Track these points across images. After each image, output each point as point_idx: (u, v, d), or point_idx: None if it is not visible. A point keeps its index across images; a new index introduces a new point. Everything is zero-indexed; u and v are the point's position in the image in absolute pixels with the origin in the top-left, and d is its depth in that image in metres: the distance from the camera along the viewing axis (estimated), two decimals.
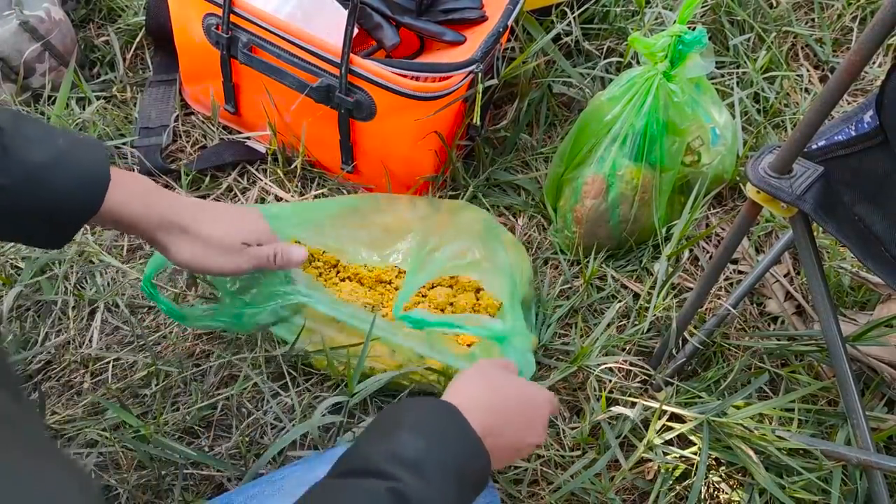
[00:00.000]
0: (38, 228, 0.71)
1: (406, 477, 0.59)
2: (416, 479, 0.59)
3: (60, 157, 0.68)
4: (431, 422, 0.66)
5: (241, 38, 1.17)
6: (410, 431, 0.63)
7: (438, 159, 1.26)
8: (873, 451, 0.90)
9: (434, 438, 0.64)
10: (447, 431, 0.66)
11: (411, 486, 0.58)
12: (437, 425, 0.66)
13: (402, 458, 0.60)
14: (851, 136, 0.73)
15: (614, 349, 1.14)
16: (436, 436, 0.64)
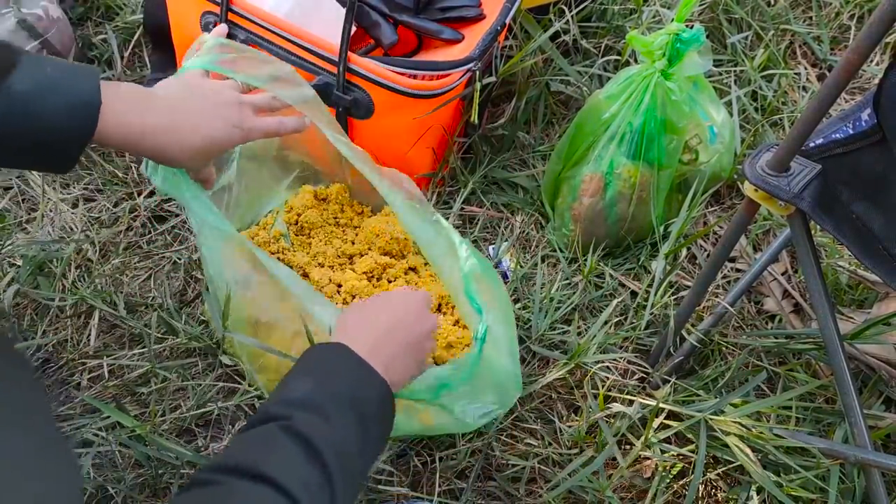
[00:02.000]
0: (38, 155, 0.70)
1: (296, 414, 0.63)
2: (305, 413, 0.63)
3: (50, 84, 0.67)
4: (317, 363, 0.71)
5: (240, 36, 1.17)
6: (297, 375, 0.69)
7: (436, 157, 1.26)
8: (871, 449, 0.90)
9: (320, 376, 0.68)
10: (333, 366, 0.70)
11: (301, 419, 0.63)
12: (322, 364, 0.71)
13: (290, 399, 0.65)
14: (849, 135, 0.73)
15: (612, 347, 1.15)
16: (321, 373, 0.69)
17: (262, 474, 0.58)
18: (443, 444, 1.06)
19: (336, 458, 0.62)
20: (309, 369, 0.70)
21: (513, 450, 1.07)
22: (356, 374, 0.71)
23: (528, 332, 1.15)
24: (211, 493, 0.58)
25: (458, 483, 1.04)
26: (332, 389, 0.68)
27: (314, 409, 0.65)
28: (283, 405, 0.65)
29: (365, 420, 0.68)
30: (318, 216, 1.18)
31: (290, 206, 1.20)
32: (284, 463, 0.60)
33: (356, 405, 0.67)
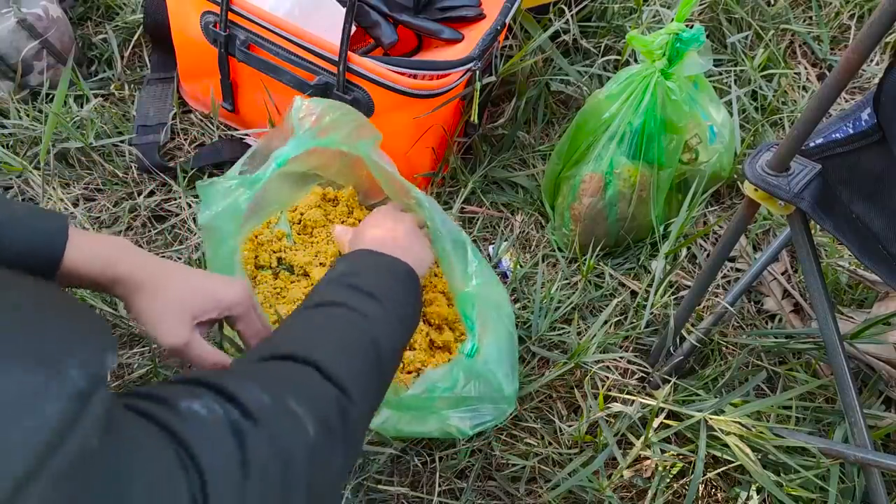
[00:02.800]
0: None
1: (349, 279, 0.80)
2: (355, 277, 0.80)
3: (16, 219, 0.67)
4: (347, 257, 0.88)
5: (239, 36, 1.17)
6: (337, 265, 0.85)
7: (436, 157, 1.26)
8: (871, 448, 0.90)
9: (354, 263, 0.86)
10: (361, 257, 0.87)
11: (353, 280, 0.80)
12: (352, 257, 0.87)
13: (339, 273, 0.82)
14: (849, 134, 0.73)
15: (612, 347, 1.15)
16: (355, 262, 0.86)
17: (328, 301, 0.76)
18: (443, 444, 1.06)
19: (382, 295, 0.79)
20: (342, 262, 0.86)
21: (513, 449, 1.07)
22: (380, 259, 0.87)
23: (528, 332, 1.15)
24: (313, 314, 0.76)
25: (458, 483, 1.04)
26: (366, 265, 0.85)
27: (356, 275, 0.81)
28: (332, 276, 0.82)
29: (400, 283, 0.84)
30: (321, 215, 1.18)
31: (294, 205, 1.20)
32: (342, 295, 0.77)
33: (389, 271, 0.85)
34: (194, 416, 0.52)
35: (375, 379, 0.72)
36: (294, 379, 0.64)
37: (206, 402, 0.54)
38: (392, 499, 1.02)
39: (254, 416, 0.55)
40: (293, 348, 0.67)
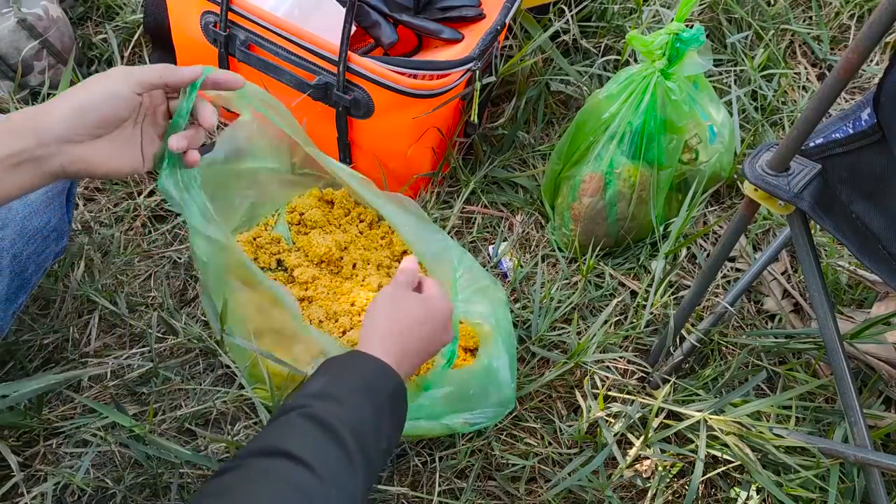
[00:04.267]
0: None
1: (314, 402, 0.70)
2: (322, 402, 0.70)
3: None
4: (333, 364, 0.77)
5: (239, 36, 1.17)
6: (314, 377, 0.75)
7: (436, 157, 1.26)
8: (871, 448, 0.90)
9: (335, 372, 0.76)
10: (347, 364, 0.77)
11: (318, 406, 0.69)
12: (338, 364, 0.77)
13: (309, 393, 0.72)
14: (849, 134, 0.73)
15: (612, 346, 1.15)
16: (336, 370, 0.76)
17: (280, 451, 0.64)
18: (443, 444, 1.06)
19: (352, 434, 0.68)
20: (325, 371, 0.76)
21: (512, 449, 1.07)
22: (370, 367, 0.77)
23: (528, 332, 1.15)
24: (236, 474, 0.63)
25: (458, 483, 1.04)
26: (347, 381, 0.74)
27: (329, 398, 0.71)
28: (300, 397, 0.71)
29: (379, 406, 0.73)
30: (321, 215, 1.18)
31: (293, 206, 1.20)
32: (301, 440, 0.66)
33: (370, 392, 0.74)
34: None
35: None
36: None
37: None
38: (392, 499, 1.02)
39: None
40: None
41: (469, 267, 1.03)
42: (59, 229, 1.01)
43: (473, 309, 0.98)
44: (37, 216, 0.97)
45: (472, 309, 0.98)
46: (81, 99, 0.68)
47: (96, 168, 0.71)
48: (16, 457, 1.00)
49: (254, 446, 0.67)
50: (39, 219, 0.97)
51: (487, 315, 0.99)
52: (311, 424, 0.68)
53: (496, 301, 1.02)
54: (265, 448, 0.66)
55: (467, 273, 1.02)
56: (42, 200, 0.98)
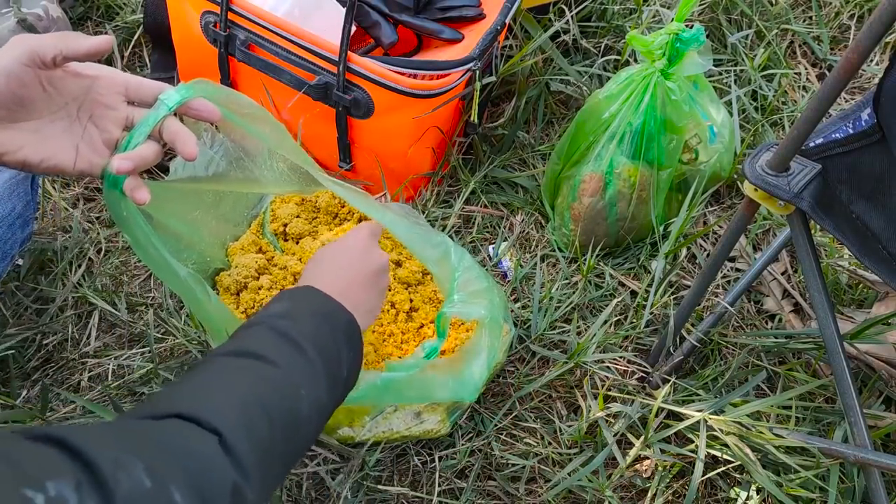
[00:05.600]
0: None
1: (277, 320, 0.72)
2: (285, 320, 0.72)
3: None
4: (291, 294, 0.79)
5: (239, 36, 1.17)
6: (274, 301, 0.77)
7: (436, 157, 1.26)
8: (871, 448, 0.90)
9: (294, 299, 0.78)
10: (305, 295, 0.79)
11: (282, 323, 0.71)
12: (293, 295, 0.79)
13: (271, 313, 0.74)
14: (849, 134, 0.73)
15: (612, 346, 1.15)
16: (295, 299, 0.78)
17: (250, 352, 0.67)
18: (442, 444, 1.06)
19: (315, 350, 0.71)
20: (283, 298, 0.78)
21: (512, 449, 1.07)
22: (323, 299, 0.79)
23: (528, 332, 1.15)
24: (202, 367, 0.66)
25: (458, 483, 1.04)
26: (305, 306, 0.77)
27: (290, 317, 0.73)
28: (263, 317, 0.73)
29: (336, 333, 0.76)
30: (305, 224, 1.17)
31: (275, 214, 1.18)
32: (268, 346, 0.69)
33: (326, 319, 0.76)
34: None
35: (286, 452, 0.64)
36: (187, 455, 0.54)
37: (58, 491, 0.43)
38: (392, 499, 1.02)
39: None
40: (199, 410, 0.59)
41: (468, 268, 1.03)
42: (24, 216, 0.98)
43: (468, 310, 0.98)
44: (1, 203, 0.94)
45: (467, 310, 0.98)
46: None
47: (7, 157, 0.65)
48: None
49: (221, 349, 0.69)
50: (3, 206, 0.94)
51: (482, 317, 0.99)
52: (276, 335, 0.70)
53: (493, 304, 1.02)
54: (233, 350, 0.68)
55: (466, 273, 1.02)
56: (5, 188, 0.95)
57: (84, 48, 0.66)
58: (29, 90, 0.65)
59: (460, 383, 0.97)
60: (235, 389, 0.63)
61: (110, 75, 0.70)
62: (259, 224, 1.18)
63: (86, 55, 0.67)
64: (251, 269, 1.11)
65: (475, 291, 1.00)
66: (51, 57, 0.64)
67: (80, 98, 0.69)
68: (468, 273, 1.02)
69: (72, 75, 0.68)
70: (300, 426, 0.66)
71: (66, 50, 0.65)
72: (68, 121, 0.68)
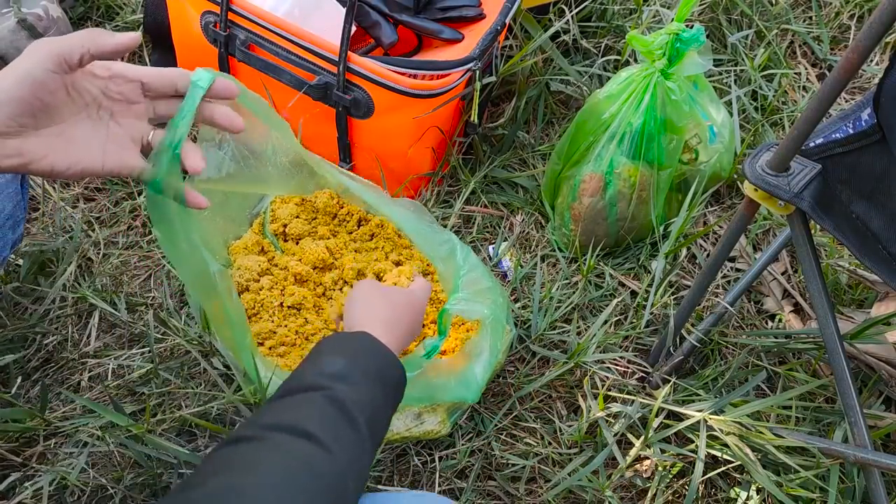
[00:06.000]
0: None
1: (335, 385, 0.69)
2: (343, 385, 0.70)
3: None
4: (347, 346, 0.77)
5: (239, 36, 1.17)
6: (330, 355, 0.74)
7: (436, 157, 1.26)
8: (871, 448, 0.90)
9: (350, 356, 0.75)
10: (360, 349, 0.77)
11: (341, 390, 0.69)
12: (351, 346, 0.77)
13: (327, 372, 0.71)
14: (849, 134, 0.73)
15: (612, 346, 1.15)
16: (352, 353, 0.75)
17: (302, 430, 0.63)
18: (442, 444, 1.06)
19: (367, 423, 0.68)
20: (340, 350, 0.76)
21: (512, 449, 1.07)
22: (382, 354, 0.78)
23: (528, 332, 1.15)
24: (256, 446, 0.61)
25: (458, 483, 1.04)
26: (363, 365, 0.74)
27: (349, 381, 0.71)
28: (320, 377, 0.71)
29: (387, 395, 0.75)
30: (305, 225, 1.17)
31: (275, 214, 1.18)
32: (322, 422, 0.65)
33: (383, 380, 0.75)
34: None
35: None
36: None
37: None
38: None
39: None
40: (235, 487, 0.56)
41: (473, 266, 1.03)
42: (15, 217, 0.96)
43: (472, 308, 0.99)
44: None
45: (470, 308, 0.98)
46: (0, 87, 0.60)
47: (34, 165, 0.63)
48: (15, 456, 1.00)
49: (273, 420, 0.65)
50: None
51: (485, 317, 0.99)
52: (332, 408, 0.67)
53: (496, 304, 1.02)
54: (286, 425, 0.64)
55: (472, 272, 1.02)
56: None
57: (111, 45, 0.64)
58: (55, 96, 0.63)
59: (462, 384, 0.97)
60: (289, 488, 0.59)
61: (123, 71, 0.68)
62: (260, 224, 1.18)
63: (113, 52, 0.65)
64: (253, 272, 1.11)
65: (479, 290, 1.01)
66: (77, 58, 0.63)
67: (98, 98, 0.67)
68: (473, 272, 1.02)
69: (89, 76, 0.66)
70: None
71: (94, 48, 0.63)
72: (90, 122, 0.67)
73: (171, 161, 0.68)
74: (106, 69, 0.67)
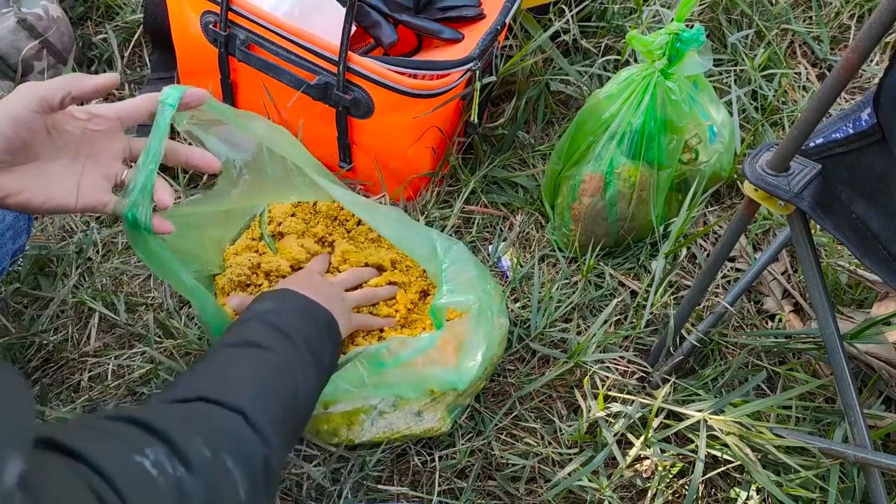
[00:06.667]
0: None
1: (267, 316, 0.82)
2: (273, 316, 0.82)
3: None
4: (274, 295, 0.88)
5: (239, 36, 1.17)
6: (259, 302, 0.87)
7: (436, 156, 1.26)
8: (871, 448, 0.90)
9: (278, 299, 0.87)
10: (287, 295, 0.88)
11: (272, 317, 0.81)
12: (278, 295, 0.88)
13: (261, 309, 0.84)
14: (849, 134, 0.73)
15: (612, 346, 1.15)
16: (280, 298, 0.87)
17: (249, 341, 0.77)
18: (442, 444, 1.06)
19: (303, 341, 0.80)
20: (268, 297, 0.88)
21: (513, 449, 1.07)
22: (305, 299, 0.88)
23: (528, 331, 1.15)
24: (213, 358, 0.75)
25: (458, 483, 1.04)
26: (290, 304, 0.86)
27: (279, 313, 0.83)
28: (253, 312, 0.83)
29: (319, 328, 0.85)
30: (300, 224, 1.17)
31: (272, 215, 1.18)
32: (264, 336, 0.78)
33: (310, 314, 0.86)
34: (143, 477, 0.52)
35: (292, 426, 0.74)
36: (227, 431, 0.64)
37: (156, 456, 0.54)
38: (392, 498, 1.02)
39: (196, 474, 0.56)
40: (221, 393, 0.68)
41: (456, 259, 1.04)
42: (16, 227, 0.99)
43: (460, 299, 1.00)
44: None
45: (457, 299, 1.00)
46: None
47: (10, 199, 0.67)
48: None
49: (223, 341, 0.78)
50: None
51: (472, 305, 1.00)
52: (268, 326, 0.79)
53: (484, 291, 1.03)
54: (235, 341, 0.77)
55: (454, 264, 1.04)
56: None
57: (90, 87, 0.69)
58: (35, 135, 0.67)
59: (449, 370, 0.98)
60: (246, 374, 0.72)
61: (101, 112, 0.73)
62: (257, 226, 1.18)
63: (93, 93, 0.69)
64: (244, 268, 1.11)
65: (463, 281, 1.02)
66: (59, 99, 0.66)
67: (78, 138, 0.71)
68: (456, 264, 1.03)
69: (69, 117, 0.70)
70: (299, 404, 0.75)
71: (75, 90, 0.67)
72: (67, 160, 0.71)
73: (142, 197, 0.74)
74: (85, 112, 0.72)
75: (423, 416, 1.01)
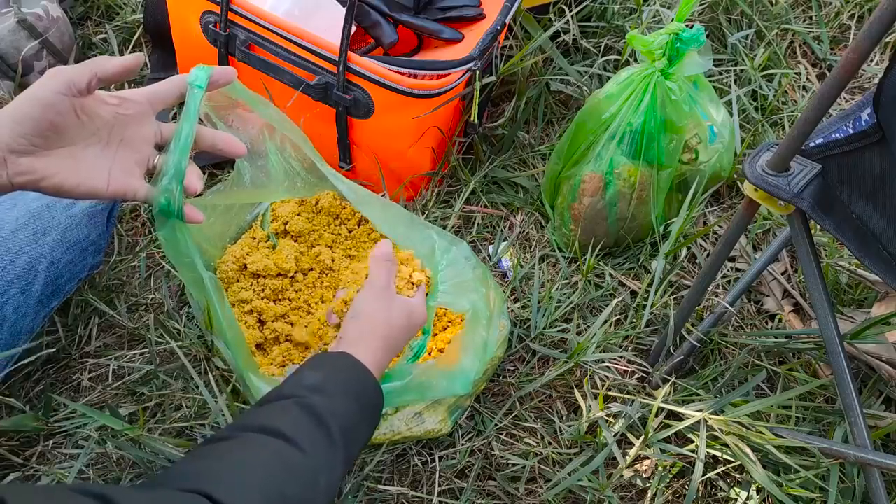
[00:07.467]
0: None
1: (310, 395, 0.73)
2: (318, 396, 0.73)
3: None
4: (327, 362, 0.80)
5: (239, 36, 1.17)
6: (310, 369, 0.78)
7: (436, 156, 1.26)
8: (871, 448, 0.90)
9: (329, 371, 0.78)
10: (341, 367, 0.79)
11: (314, 399, 0.72)
12: (331, 363, 0.80)
13: (304, 384, 0.75)
14: (849, 134, 0.73)
15: (612, 346, 1.15)
16: (331, 369, 0.78)
17: (276, 430, 0.68)
18: (442, 444, 1.06)
19: (340, 431, 0.72)
20: (319, 366, 0.79)
21: (513, 449, 1.07)
22: (362, 376, 0.80)
23: (528, 331, 1.15)
24: (232, 443, 0.67)
25: (458, 483, 1.04)
26: (341, 382, 0.77)
27: (324, 393, 0.74)
28: (297, 387, 0.74)
29: (364, 413, 0.78)
30: (306, 223, 1.17)
31: (275, 213, 1.18)
32: (296, 425, 0.70)
33: (359, 398, 0.77)
34: None
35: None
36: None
37: None
38: (392, 499, 1.02)
39: None
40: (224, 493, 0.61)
41: (453, 261, 1.03)
42: (97, 244, 1.07)
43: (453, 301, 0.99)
44: (78, 228, 1.03)
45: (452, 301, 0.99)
46: (15, 107, 0.66)
47: (44, 182, 0.68)
48: (15, 457, 1.00)
49: (248, 423, 0.70)
50: (80, 231, 1.03)
51: (465, 309, 1.00)
52: (306, 414, 0.71)
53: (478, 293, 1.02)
54: (261, 426, 0.69)
55: (450, 266, 1.03)
56: (85, 214, 1.04)
57: (117, 67, 0.70)
58: (64, 118, 0.67)
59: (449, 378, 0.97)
60: (259, 474, 0.64)
61: (131, 96, 0.73)
62: (259, 225, 1.18)
63: (119, 74, 0.70)
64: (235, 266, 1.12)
65: (459, 283, 1.01)
66: (85, 81, 0.67)
67: (110, 123, 0.72)
68: (452, 267, 1.03)
69: (101, 102, 0.71)
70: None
71: (101, 72, 0.68)
72: (100, 146, 0.71)
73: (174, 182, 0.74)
74: (115, 97, 0.73)
75: (424, 417, 1.01)
